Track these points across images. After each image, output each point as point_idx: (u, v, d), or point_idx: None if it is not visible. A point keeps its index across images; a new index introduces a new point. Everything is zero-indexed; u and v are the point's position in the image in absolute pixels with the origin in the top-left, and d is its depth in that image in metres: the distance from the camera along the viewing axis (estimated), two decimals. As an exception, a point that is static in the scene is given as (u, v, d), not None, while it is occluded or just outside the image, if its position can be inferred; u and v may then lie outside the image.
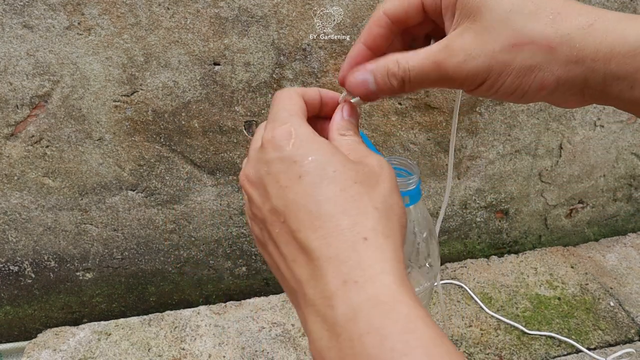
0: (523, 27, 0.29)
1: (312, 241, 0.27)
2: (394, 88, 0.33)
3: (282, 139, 0.30)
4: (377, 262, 0.26)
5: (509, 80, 0.30)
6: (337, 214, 0.27)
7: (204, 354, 0.72)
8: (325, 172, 0.28)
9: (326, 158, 0.29)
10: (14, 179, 0.69)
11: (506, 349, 0.75)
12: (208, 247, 0.82)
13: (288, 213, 0.29)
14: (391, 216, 0.29)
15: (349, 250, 0.26)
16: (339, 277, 0.26)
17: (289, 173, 0.29)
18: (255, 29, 0.66)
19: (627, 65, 0.27)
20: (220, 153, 0.74)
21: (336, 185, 0.28)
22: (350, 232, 0.27)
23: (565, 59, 0.29)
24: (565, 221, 0.99)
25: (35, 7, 0.59)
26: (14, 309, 0.79)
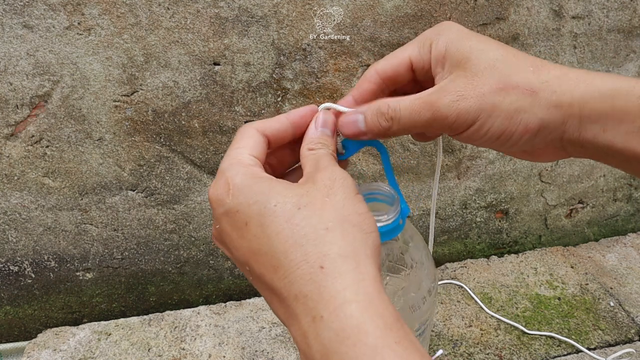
0: (508, 74, 0.32)
1: (276, 282, 0.27)
2: (382, 128, 0.34)
3: (221, 194, 0.30)
4: (339, 290, 0.25)
5: (497, 122, 0.32)
6: (289, 249, 0.27)
7: (204, 354, 0.72)
8: (266, 210, 0.28)
9: (265, 196, 0.28)
10: (14, 179, 0.69)
11: (506, 349, 0.75)
12: (208, 247, 0.82)
13: (250, 262, 0.29)
14: (347, 229, 0.28)
15: (309, 283, 0.26)
16: (308, 314, 0.26)
17: (236, 223, 0.29)
18: (255, 29, 0.66)
19: (598, 110, 0.31)
20: (220, 153, 0.74)
21: (280, 218, 0.27)
22: (306, 264, 0.26)
23: (547, 102, 0.31)
24: (565, 221, 0.99)
25: (35, 7, 0.59)
26: (14, 309, 0.79)
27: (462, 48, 0.33)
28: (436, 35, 0.35)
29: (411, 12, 0.69)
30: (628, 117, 0.30)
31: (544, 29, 0.76)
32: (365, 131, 0.35)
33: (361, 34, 0.69)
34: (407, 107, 0.33)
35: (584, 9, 0.76)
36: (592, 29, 0.79)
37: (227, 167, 0.31)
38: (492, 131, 0.32)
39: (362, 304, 0.25)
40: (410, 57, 0.36)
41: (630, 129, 0.30)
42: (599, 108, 0.31)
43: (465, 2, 0.70)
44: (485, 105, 0.32)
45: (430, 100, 0.33)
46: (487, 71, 0.32)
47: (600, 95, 0.31)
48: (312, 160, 0.33)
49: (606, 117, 0.30)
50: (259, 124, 0.34)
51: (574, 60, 0.81)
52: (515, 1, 0.73)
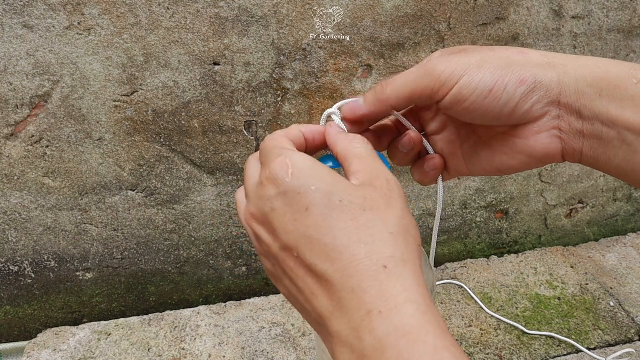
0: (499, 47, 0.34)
1: (332, 274, 0.27)
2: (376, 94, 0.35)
3: (280, 172, 0.29)
4: (400, 291, 0.26)
5: (488, 72, 0.31)
6: (352, 244, 0.27)
7: (204, 354, 0.72)
8: (331, 202, 0.28)
9: (329, 187, 0.28)
10: (14, 179, 0.69)
11: (506, 349, 0.75)
12: (208, 247, 0.82)
13: (301, 247, 0.28)
14: (408, 238, 0.28)
15: (370, 279, 0.26)
16: (363, 308, 0.26)
17: (294, 206, 0.28)
18: (255, 29, 0.66)
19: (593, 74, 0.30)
20: (220, 153, 0.74)
21: (346, 214, 0.27)
22: (369, 261, 0.26)
23: (539, 61, 0.32)
24: (565, 221, 0.99)
25: (35, 7, 0.59)
26: (14, 309, 0.79)
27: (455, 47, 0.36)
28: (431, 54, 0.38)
29: (411, 12, 0.69)
30: (623, 84, 0.30)
31: (544, 29, 0.76)
32: (364, 107, 0.36)
33: (361, 34, 0.69)
34: (400, 74, 0.35)
35: (584, 9, 0.76)
36: (592, 29, 0.79)
37: (280, 150, 0.30)
38: (483, 84, 0.31)
39: (423, 306, 0.26)
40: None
41: (625, 96, 0.29)
42: (595, 72, 0.30)
43: (465, 2, 0.70)
44: (474, 61, 0.32)
45: (420, 64, 0.34)
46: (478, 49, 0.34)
47: (594, 63, 0.31)
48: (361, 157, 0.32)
49: (601, 81, 0.30)
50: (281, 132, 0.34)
51: (574, 60, 0.81)
52: (515, 1, 0.73)
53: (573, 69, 0.31)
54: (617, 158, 0.31)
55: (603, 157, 0.32)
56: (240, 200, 0.34)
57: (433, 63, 0.33)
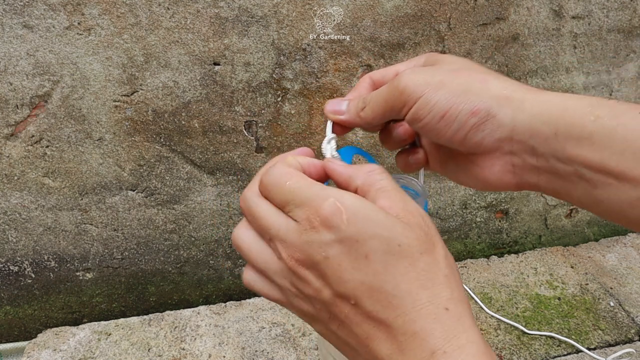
0: (466, 67, 0.34)
1: (393, 319, 0.27)
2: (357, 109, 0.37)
3: (334, 218, 0.27)
4: (461, 331, 0.27)
5: (443, 98, 0.32)
6: (414, 290, 0.27)
7: (204, 354, 0.72)
8: (391, 248, 0.27)
9: (387, 233, 0.27)
10: (14, 179, 0.69)
11: (506, 349, 0.75)
12: (208, 247, 0.82)
13: (359, 295, 0.27)
14: (457, 277, 0.29)
15: (433, 322, 0.27)
16: (427, 349, 0.26)
17: (352, 254, 0.27)
18: (255, 29, 0.66)
19: (550, 110, 0.30)
20: (220, 153, 0.74)
21: (405, 260, 0.27)
22: (431, 305, 0.27)
23: (496, 93, 0.32)
24: (565, 221, 0.99)
25: (35, 7, 0.59)
26: (14, 309, 0.79)
27: (437, 57, 0.37)
28: (421, 55, 0.39)
29: (411, 12, 0.69)
30: (580, 122, 0.29)
31: (544, 29, 0.76)
32: (344, 111, 0.38)
33: (361, 34, 0.69)
34: (376, 90, 0.36)
35: (584, 9, 0.76)
36: (592, 29, 0.79)
37: (322, 191, 0.28)
38: (437, 108, 0.32)
39: (482, 347, 0.27)
40: (398, 70, 0.39)
41: (582, 134, 0.29)
42: (551, 109, 0.30)
43: (465, 2, 0.70)
44: (433, 81, 0.32)
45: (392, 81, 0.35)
46: (446, 64, 0.35)
47: (552, 99, 0.31)
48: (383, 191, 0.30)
49: (557, 119, 0.30)
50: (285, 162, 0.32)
51: (574, 60, 0.81)
52: (515, 1, 0.73)
53: (530, 106, 0.31)
54: (576, 192, 0.31)
55: (562, 191, 0.32)
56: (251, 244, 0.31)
57: (398, 78, 0.34)
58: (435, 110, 0.32)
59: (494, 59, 0.77)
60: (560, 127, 0.30)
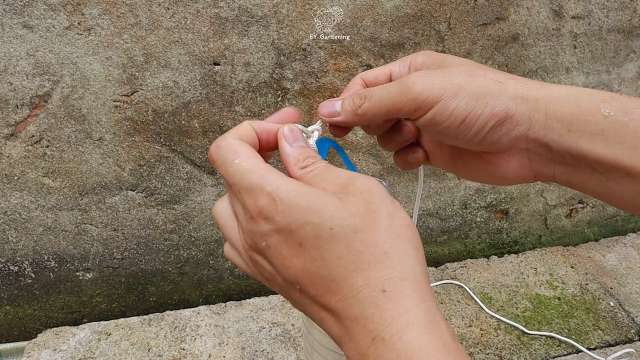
0: (477, 69, 0.34)
1: (335, 304, 0.27)
2: (354, 106, 0.35)
3: (270, 210, 0.28)
4: (401, 313, 0.26)
5: (463, 102, 0.32)
6: (349, 273, 0.27)
7: (204, 354, 0.72)
8: (322, 233, 0.27)
9: (318, 218, 0.28)
10: (14, 179, 0.69)
11: (506, 349, 0.75)
12: (208, 247, 0.82)
13: (302, 282, 0.28)
14: (402, 248, 0.28)
15: (371, 307, 0.26)
16: (367, 335, 0.26)
17: (288, 242, 0.28)
18: (255, 29, 0.66)
19: (563, 108, 0.31)
20: (220, 153, 0.74)
21: (338, 242, 0.27)
22: (367, 288, 0.27)
23: (513, 93, 0.32)
24: (565, 221, 0.99)
25: (35, 7, 0.59)
26: (14, 309, 0.79)
27: (438, 57, 0.37)
28: (415, 54, 0.38)
29: (411, 12, 0.69)
30: (592, 119, 0.30)
31: (544, 29, 0.76)
32: (339, 112, 0.36)
33: (361, 34, 0.69)
34: (380, 87, 0.35)
35: (584, 9, 0.76)
36: (592, 29, 0.79)
37: (260, 180, 0.29)
38: (458, 112, 0.32)
39: (424, 327, 0.26)
40: (391, 69, 0.38)
41: (595, 130, 0.30)
42: (565, 107, 0.31)
43: (465, 2, 0.70)
44: (451, 85, 0.32)
45: (400, 79, 0.34)
46: (457, 66, 0.34)
47: (566, 96, 0.31)
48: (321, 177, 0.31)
49: (571, 117, 0.31)
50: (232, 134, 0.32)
51: (574, 60, 0.81)
52: (515, 1, 0.73)
53: (544, 104, 0.31)
54: (590, 184, 0.32)
55: (576, 183, 0.33)
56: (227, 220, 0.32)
57: (412, 82, 0.33)
58: (455, 116, 0.32)
59: (494, 59, 0.77)
60: (574, 125, 0.30)
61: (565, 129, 0.31)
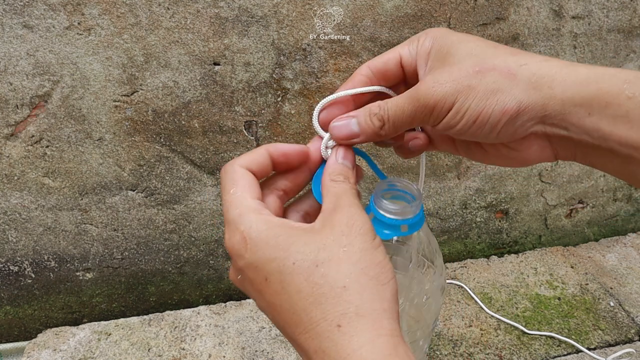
0: (485, 58, 0.32)
1: (297, 336, 0.28)
2: (375, 128, 0.35)
3: (239, 248, 0.30)
4: (354, 350, 0.26)
5: (474, 103, 0.31)
6: (308, 307, 0.28)
7: (204, 354, 0.72)
8: (285, 268, 0.28)
9: (283, 253, 0.29)
10: (14, 179, 0.69)
11: (506, 349, 0.75)
12: (208, 247, 0.82)
13: (271, 313, 0.30)
14: (364, 284, 0.28)
15: (327, 341, 0.27)
16: None
17: (256, 278, 0.30)
18: (255, 29, 0.66)
19: (582, 93, 0.29)
20: (220, 153, 0.74)
21: (300, 276, 0.28)
22: (324, 322, 0.27)
23: (525, 84, 0.31)
24: (565, 221, 0.99)
25: (35, 7, 0.59)
26: (14, 309, 0.79)
27: (445, 43, 0.34)
28: (424, 35, 0.36)
29: (411, 12, 0.69)
30: (615, 100, 0.28)
31: (544, 29, 0.76)
32: (359, 133, 0.36)
33: (361, 34, 0.69)
34: (393, 104, 0.34)
35: (584, 9, 0.76)
36: (592, 29, 0.79)
37: (237, 218, 0.31)
38: (469, 113, 0.32)
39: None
40: (400, 53, 0.37)
41: (618, 113, 0.28)
42: (583, 91, 0.29)
43: (465, 2, 0.70)
44: (461, 88, 0.32)
45: (411, 93, 0.34)
46: (464, 58, 0.33)
47: (585, 79, 0.30)
48: (333, 194, 0.33)
49: (591, 100, 0.29)
50: (242, 160, 0.34)
51: (574, 60, 0.81)
52: (515, 1, 0.73)
53: (561, 90, 0.30)
54: (612, 165, 0.31)
55: (598, 164, 0.32)
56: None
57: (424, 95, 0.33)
58: (468, 117, 0.32)
59: (494, 59, 0.77)
60: (594, 108, 0.29)
61: (585, 113, 0.30)
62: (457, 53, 0.33)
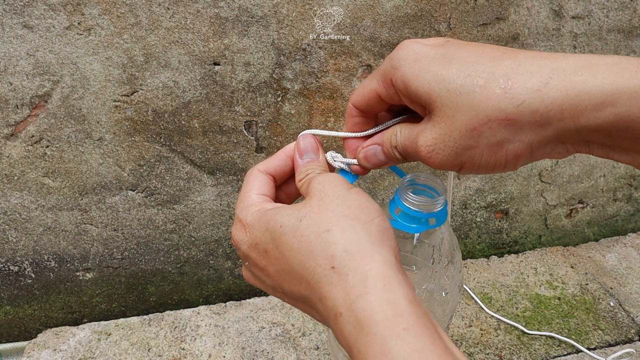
0: (477, 108, 0.28)
1: (304, 292, 0.29)
2: (397, 158, 0.36)
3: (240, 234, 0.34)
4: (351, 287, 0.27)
5: (483, 160, 0.30)
6: (302, 260, 0.29)
7: (204, 354, 0.72)
8: (276, 233, 0.31)
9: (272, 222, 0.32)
10: (14, 179, 0.69)
11: (506, 349, 0.75)
12: (208, 247, 0.82)
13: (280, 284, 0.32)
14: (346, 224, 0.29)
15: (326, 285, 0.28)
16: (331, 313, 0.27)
17: (258, 255, 0.32)
18: (255, 29, 0.66)
19: (596, 119, 0.26)
20: (220, 153, 0.74)
21: (288, 234, 0.30)
22: (319, 268, 0.28)
23: (531, 125, 0.28)
24: (565, 221, 0.99)
25: (35, 7, 0.59)
26: (14, 309, 0.79)
27: (421, 87, 0.30)
28: (392, 70, 0.32)
29: (411, 12, 0.69)
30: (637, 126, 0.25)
31: (544, 29, 0.76)
32: (386, 160, 0.37)
33: (361, 34, 0.69)
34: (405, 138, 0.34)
35: (584, 9, 0.76)
36: (592, 29, 0.79)
37: (240, 212, 0.35)
38: (484, 165, 0.30)
39: (373, 295, 0.26)
40: (377, 91, 0.34)
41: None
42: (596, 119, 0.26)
43: (466, 2, 0.70)
44: (462, 152, 0.30)
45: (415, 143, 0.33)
46: (455, 112, 0.29)
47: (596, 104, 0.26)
48: (305, 185, 0.35)
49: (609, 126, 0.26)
50: (261, 165, 0.37)
51: (574, 60, 0.81)
52: (515, 1, 0.73)
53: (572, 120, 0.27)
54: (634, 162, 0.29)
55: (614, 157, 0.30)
56: None
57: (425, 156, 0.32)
58: (483, 167, 0.31)
59: (494, 59, 0.77)
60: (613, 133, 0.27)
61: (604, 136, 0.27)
62: (441, 104, 0.30)
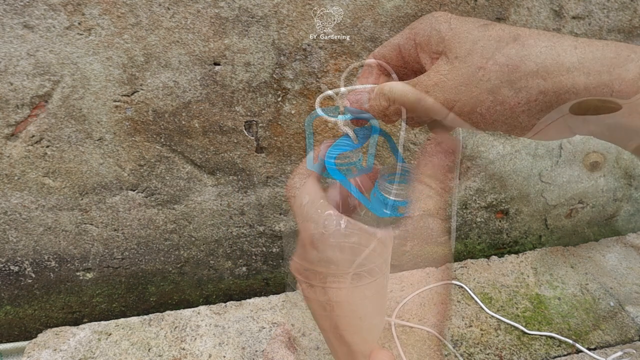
0: (487, 52, 0.32)
1: None
2: (381, 106, 0.37)
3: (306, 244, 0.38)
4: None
5: (484, 105, 0.32)
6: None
7: (204, 354, 0.72)
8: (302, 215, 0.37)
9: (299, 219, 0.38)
10: (14, 179, 0.69)
11: (506, 349, 0.75)
12: (208, 247, 0.82)
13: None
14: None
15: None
16: None
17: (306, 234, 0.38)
18: (256, 29, 0.66)
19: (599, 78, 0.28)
20: (221, 153, 0.74)
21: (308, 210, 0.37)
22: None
23: (534, 73, 0.31)
24: (565, 221, 0.99)
25: (36, 7, 0.59)
26: (14, 309, 0.79)
27: (443, 33, 0.34)
28: (420, 22, 0.36)
29: (411, 12, 0.69)
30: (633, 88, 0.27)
31: (544, 29, 0.76)
32: (368, 108, 0.39)
33: (361, 34, 0.69)
34: (399, 89, 0.36)
35: (584, 9, 0.76)
36: (592, 29, 0.79)
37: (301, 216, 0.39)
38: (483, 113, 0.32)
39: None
40: (399, 44, 0.38)
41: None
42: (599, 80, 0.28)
43: (466, 2, 0.70)
44: (463, 86, 0.32)
45: (417, 81, 0.35)
46: (466, 53, 0.32)
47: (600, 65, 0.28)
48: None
49: (611, 84, 0.28)
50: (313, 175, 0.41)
51: (574, 60, 0.81)
52: (515, 1, 0.73)
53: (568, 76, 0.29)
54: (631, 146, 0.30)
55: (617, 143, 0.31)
56: None
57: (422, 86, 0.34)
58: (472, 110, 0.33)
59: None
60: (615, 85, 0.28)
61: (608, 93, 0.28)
62: (458, 46, 0.33)
